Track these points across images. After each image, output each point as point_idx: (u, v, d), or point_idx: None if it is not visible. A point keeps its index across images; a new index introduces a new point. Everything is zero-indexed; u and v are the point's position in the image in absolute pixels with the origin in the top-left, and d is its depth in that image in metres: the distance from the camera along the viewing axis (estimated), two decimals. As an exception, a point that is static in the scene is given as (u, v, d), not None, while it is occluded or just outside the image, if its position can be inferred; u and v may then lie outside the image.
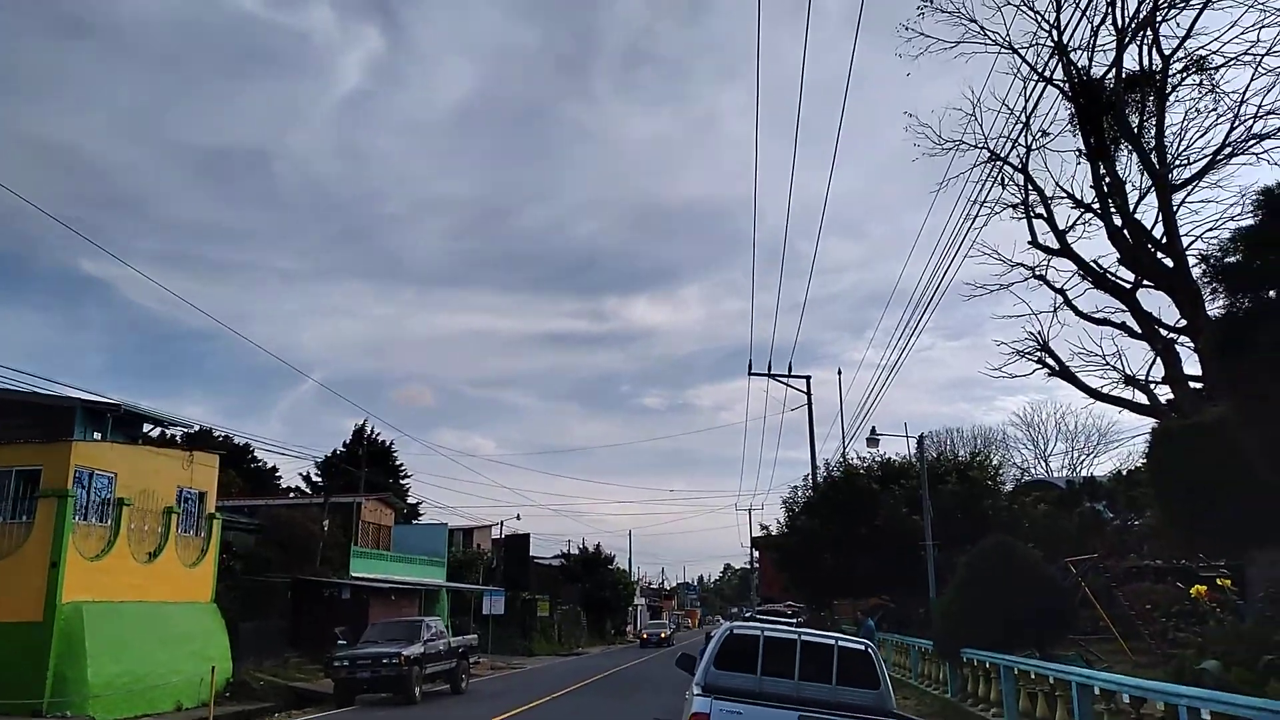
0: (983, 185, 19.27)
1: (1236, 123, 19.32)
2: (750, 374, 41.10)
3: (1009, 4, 20.09)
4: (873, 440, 30.82)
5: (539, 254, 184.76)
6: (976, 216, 20.04)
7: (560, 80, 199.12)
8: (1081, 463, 56.43)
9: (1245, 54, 18.81)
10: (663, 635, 69.96)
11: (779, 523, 39.88)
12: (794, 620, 29.91)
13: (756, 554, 74.91)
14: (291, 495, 54.78)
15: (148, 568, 23.87)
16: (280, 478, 61.26)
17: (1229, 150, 19.40)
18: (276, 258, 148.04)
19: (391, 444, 62.43)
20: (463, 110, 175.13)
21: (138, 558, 23.61)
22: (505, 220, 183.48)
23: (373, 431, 60.90)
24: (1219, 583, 14.98)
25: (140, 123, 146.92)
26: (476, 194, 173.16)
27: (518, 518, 70.05)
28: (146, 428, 27.71)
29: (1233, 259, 6.59)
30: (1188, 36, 19.07)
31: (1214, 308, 11.81)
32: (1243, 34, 18.69)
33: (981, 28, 20.72)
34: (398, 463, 62.40)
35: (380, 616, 32.45)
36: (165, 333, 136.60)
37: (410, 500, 59.71)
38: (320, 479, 55.87)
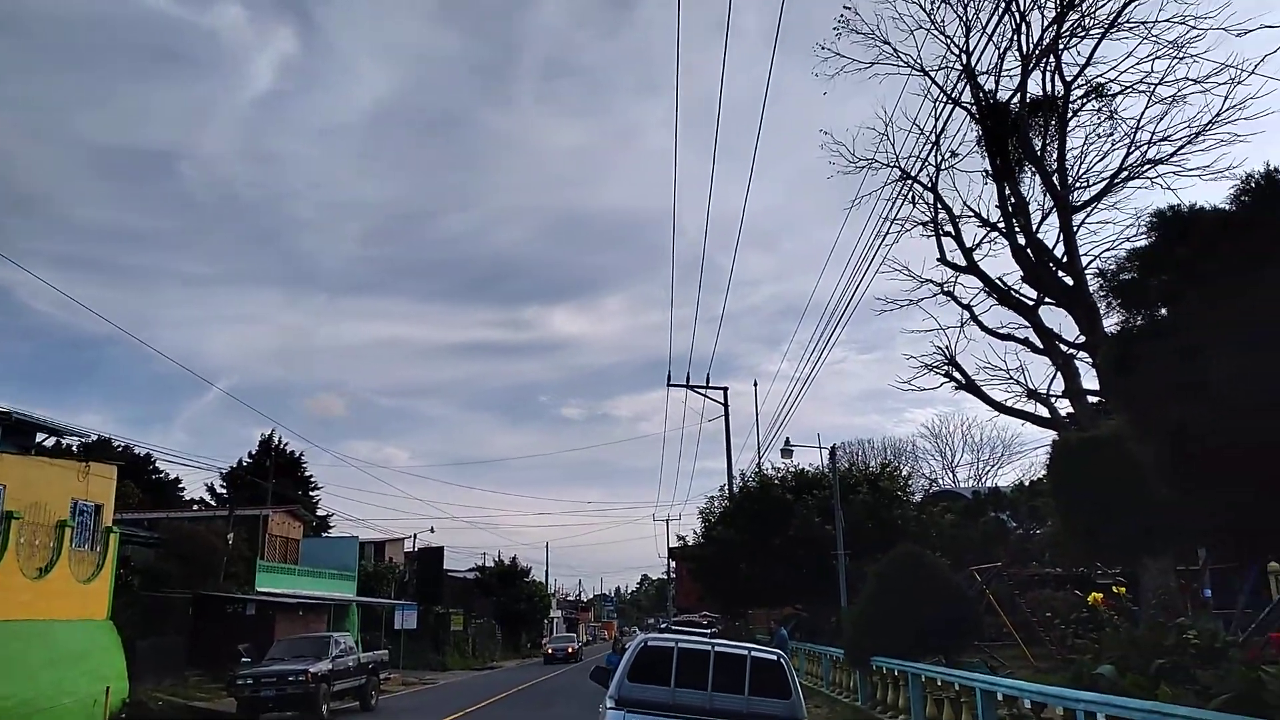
0: (894, 203, 19.82)
1: (1132, 148, 20.29)
2: (669, 385, 41.39)
3: (921, 28, 20.73)
4: (787, 451, 31.28)
5: (457, 261, 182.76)
6: (888, 233, 20.60)
7: (480, 87, 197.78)
8: (987, 473, 58.27)
9: (1140, 83, 19.78)
10: (570, 650, 62.81)
11: (695, 533, 40.15)
12: (709, 630, 30.06)
13: (674, 564, 75.12)
14: (195, 508, 52.95)
15: (38, 584, 22.70)
16: (184, 490, 59.21)
17: (1125, 174, 20.34)
18: (182, 262, 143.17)
19: (301, 455, 60.98)
20: (379, 114, 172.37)
21: (27, 574, 22.44)
22: (422, 227, 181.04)
23: (281, 442, 59.38)
24: (1115, 590, 15.57)
25: (42, 120, 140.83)
26: (392, 199, 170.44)
27: (432, 530, 68.99)
28: (40, 437, 26.43)
29: (1127, 278, 6.88)
30: (1088, 64, 19.96)
31: (1110, 325, 12.32)
32: (1138, 64, 19.66)
33: (895, 50, 21.34)
34: (307, 474, 60.95)
35: (287, 633, 31.53)
36: (64, 339, 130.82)
37: (320, 513, 58.31)
38: (225, 491, 54.12)
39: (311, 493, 60.17)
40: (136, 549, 33.30)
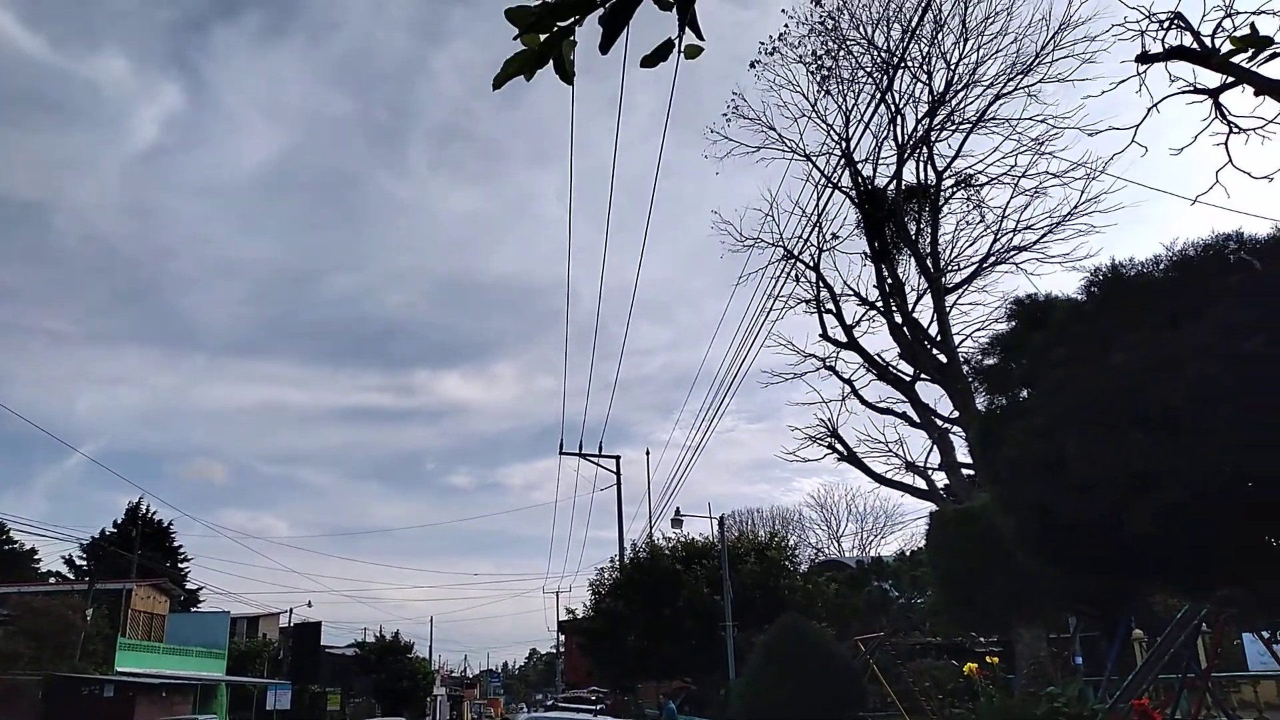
0: (779, 280, 20.56)
1: (999, 235, 21.62)
2: (561, 453, 41.07)
3: (804, 116, 21.76)
4: (677, 521, 31.36)
5: (343, 323, 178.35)
6: (772, 309, 21.23)
7: (373, 150, 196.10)
8: (871, 543, 59.49)
9: (1006, 175, 21.20)
10: None
11: (585, 606, 39.62)
12: (596, 706, 29.56)
13: (563, 638, 73.74)
14: (51, 580, 49.59)
15: None
16: (39, 561, 55.43)
17: (993, 259, 21.64)
18: (49, 318, 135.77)
19: (171, 524, 57.95)
20: (267, 173, 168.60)
21: None
22: (308, 287, 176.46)
23: (150, 511, 56.34)
24: (988, 660, 16.06)
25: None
26: (278, 259, 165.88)
27: (309, 605, 65.80)
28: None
29: (990, 362, 7.30)
30: (957, 156, 21.30)
31: (980, 402, 12.93)
32: (1003, 158, 21.11)
33: (780, 135, 22.31)
34: (177, 545, 57.91)
35: (148, 716, 29.55)
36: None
37: (189, 586, 55.28)
38: (86, 563, 50.90)
39: (181, 565, 57.10)
40: (-18, 628, 30.91)
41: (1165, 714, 13.87)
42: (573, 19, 2.07)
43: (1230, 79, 7.00)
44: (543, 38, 2.10)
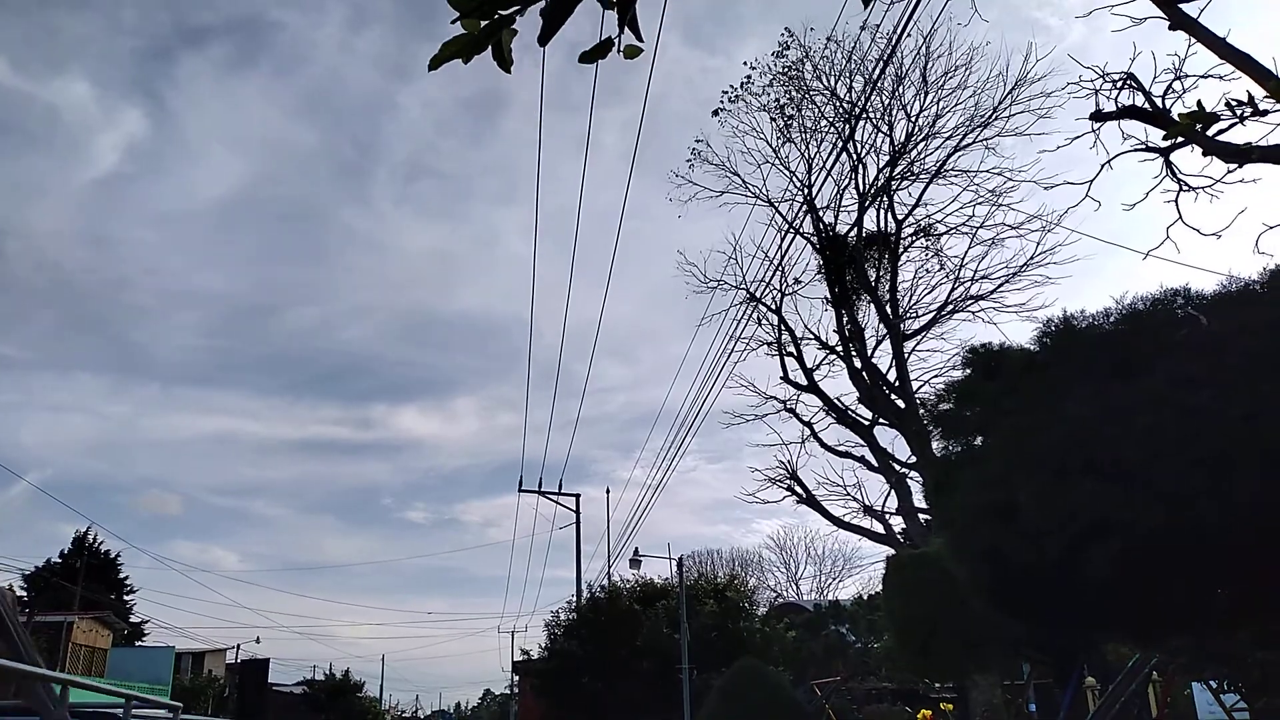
0: (741, 322, 20.76)
1: (957, 284, 21.99)
2: (520, 490, 40.77)
3: (767, 162, 22.08)
4: (635, 561, 31.17)
5: (301, 356, 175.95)
6: (733, 351, 21.35)
7: (337, 183, 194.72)
8: (829, 586, 59.53)
9: (964, 225, 21.62)
10: None
11: (540, 647, 39.05)
12: (549, 749, 29.02)
13: (517, 679, 72.50)
14: (-12, 613, 47.93)
15: None
16: (-24, 593, 53.62)
17: (951, 307, 21.98)
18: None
19: (118, 556, 56.46)
20: (228, 204, 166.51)
21: None
22: (266, 319, 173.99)
23: (96, 541, 54.87)
24: (942, 707, 16.07)
25: None
26: (236, 290, 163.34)
27: (257, 640, 64.16)
28: None
29: (945, 408, 7.39)
30: (916, 205, 21.70)
31: (936, 447, 13.05)
32: (961, 208, 21.54)
33: (743, 181, 22.61)
34: (123, 577, 56.37)
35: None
36: None
37: (134, 619, 53.75)
38: (26, 594, 49.34)
39: (126, 597, 55.57)
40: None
41: (1117, 763, 13.90)
42: (514, 8, 2.07)
43: (1180, 139, 7.21)
44: (483, 24, 2.10)
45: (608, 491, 64.82)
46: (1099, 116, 7.68)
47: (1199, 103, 5.76)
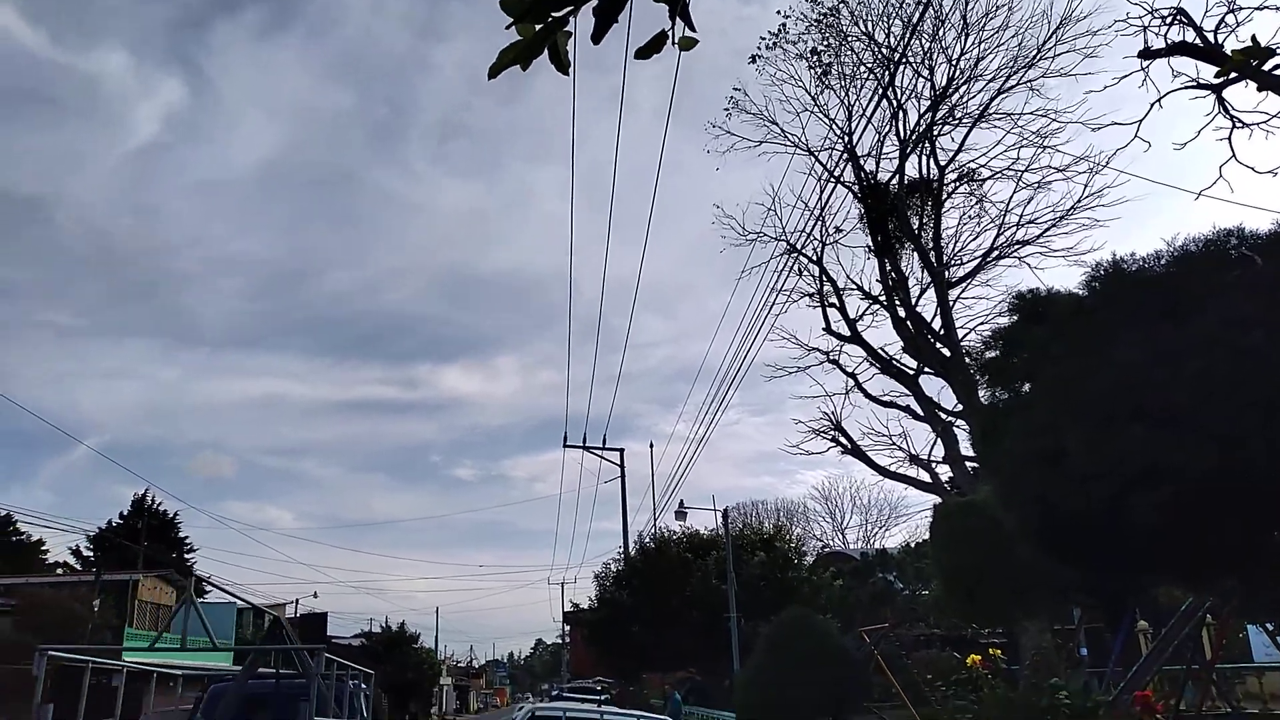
0: (782, 274, 20.64)
1: (1002, 230, 21.62)
2: (565, 446, 41.17)
3: (806, 110, 21.75)
4: (680, 513, 31.42)
5: (344, 318, 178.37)
6: (775, 303, 21.26)
7: (372, 146, 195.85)
8: (875, 535, 59.60)
9: (1009, 169, 21.17)
10: None
11: (591, 599, 39.71)
12: (602, 696, 29.72)
13: (568, 629, 73.88)
14: (59, 572, 49.82)
15: (-125, 660, 20.99)
16: (47, 552, 55.66)
17: (996, 253, 21.64)
18: (52, 313, 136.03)
19: (176, 516, 58.12)
20: (267, 169, 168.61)
21: None
22: (308, 283, 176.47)
23: (155, 503, 56.51)
24: (991, 652, 16.14)
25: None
26: (278, 255, 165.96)
27: (315, 596, 65.93)
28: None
29: (992, 355, 7.35)
30: (960, 151, 21.28)
31: (982, 395, 12.97)
32: (1006, 152, 21.08)
33: (782, 130, 22.30)
34: (182, 536, 58.08)
35: (158, 705, 29.70)
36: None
37: (196, 577, 55.49)
38: (93, 554, 51.15)
39: (187, 556, 57.32)
40: (-9, 619, 31.13)
41: (1169, 705, 13.92)
42: (567, 9, 2.08)
43: (1233, 74, 7.02)
44: (537, 27, 2.13)
45: (651, 446, 65.41)
46: (1148, 54, 7.50)
47: (1253, 37, 5.61)
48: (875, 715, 21.26)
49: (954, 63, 20.76)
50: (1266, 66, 5.82)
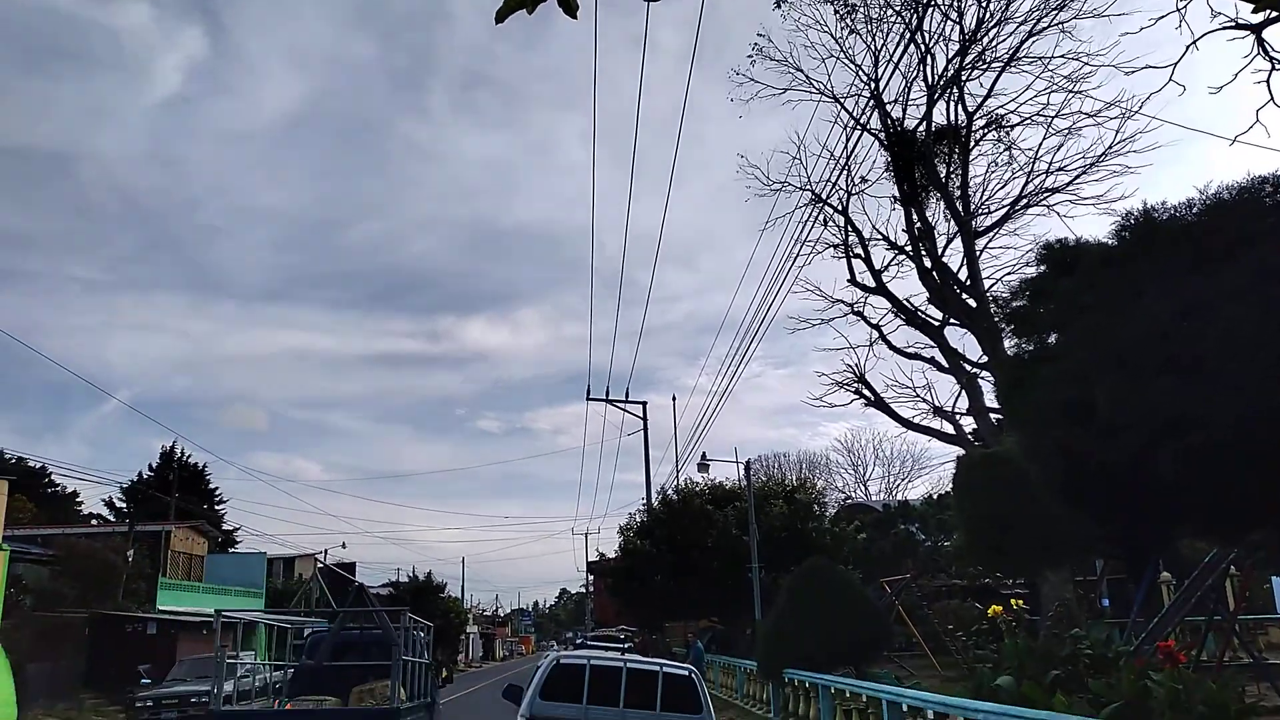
0: (806, 225, 20.45)
1: (1031, 177, 21.23)
2: (589, 399, 41.36)
3: (831, 56, 21.33)
4: (703, 465, 31.54)
5: (369, 271, 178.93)
6: (799, 255, 21.10)
7: (395, 95, 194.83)
8: (897, 487, 59.70)
9: (1038, 115, 20.72)
10: None
11: (616, 550, 40.12)
12: (625, 645, 30.19)
13: (592, 579, 74.81)
14: (94, 523, 50.90)
15: (-82, 606, 21.59)
16: (81, 504, 56.86)
17: (1024, 202, 21.26)
18: (80, 267, 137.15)
19: (205, 468, 59.10)
20: (290, 120, 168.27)
21: (-93, 595, 21.32)
22: (334, 235, 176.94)
23: (184, 455, 57.44)
24: (1013, 602, 16.19)
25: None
26: (303, 207, 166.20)
27: (343, 546, 66.95)
28: (-77, 451, 25.20)
29: (1019, 306, 7.25)
30: (988, 96, 20.83)
31: (1009, 346, 12.85)
32: (1035, 97, 20.62)
33: (807, 77, 21.91)
34: (212, 488, 59.10)
35: (190, 653, 30.46)
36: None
37: (226, 528, 56.55)
38: (126, 506, 52.19)
39: (217, 507, 58.38)
40: (29, 567, 31.83)
41: (1191, 656, 13.94)
42: None
43: (1274, 14, 6.79)
44: None
45: (674, 399, 65.47)
46: (1186, -7, 7.26)
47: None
48: (896, 664, 21.47)
49: (984, 4, 20.25)
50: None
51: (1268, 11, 7.17)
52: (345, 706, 12.43)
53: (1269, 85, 8.28)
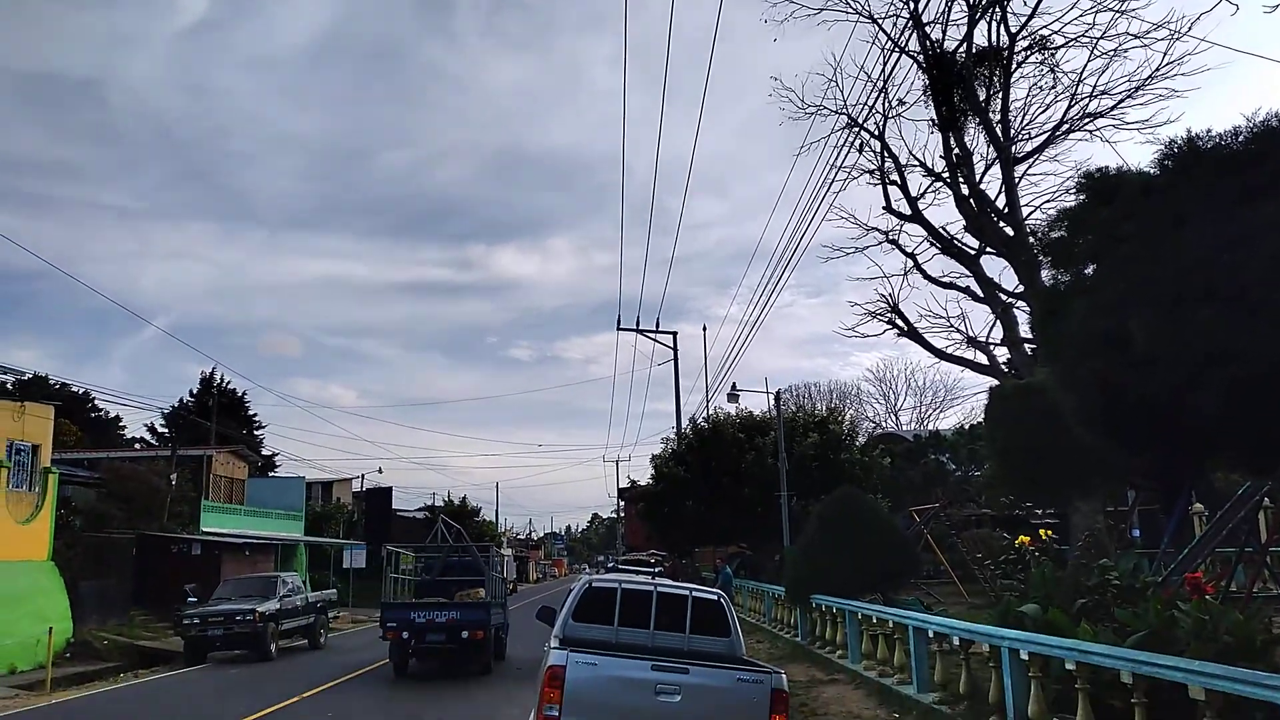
0: (841, 150, 20.06)
1: (1074, 101, 20.63)
2: (619, 329, 41.41)
3: (870, -28, 20.66)
4: (733, 396, 31.63)
5: (399, 198, 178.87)
6: (834, 181, 20.74)
7: (421, 19, 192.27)
8: (929, 417, 59.60)
9: (1083, 36, 20.04)
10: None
11: (647, 479, 40.55)
12: (656, 569, 30.70)
13: (623, 505, 75.88)
14: (137, 447, 52.25)
15: (-26, 527, 22.41)
16: (124, 428, 58.33)
17: (1067, 127, 20.71)
18: (111, 195, 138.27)
19: (244, 394, 60.22)
20: (317, 46, 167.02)
21: (-38, 516, 22.13)
22: (362, 162, 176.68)
23: (223, 381, 58.49)
24: (1041, 533, 16.23)
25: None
26: (331, 134, 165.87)
27: (380, 471, 68.54)
28: (-29, 377, 25.90)
29: (1056, 236, 7.11)
30: (1033, 16, 20.14)
31: (1046, 276, 12.64)
32: (1080, 17, 19.89)
33: (844, -5, 21.25)
34: (251, 413, 60.30)
35: (234, 573, 31.45)
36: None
37: (265, 452, 57.84)
38: (167, 430, 53.42)
39: (256, 432, 59.62)
40: (77, 489, 32.83)
41: (1220, 587, 13.95)
42: None
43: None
44: None
45: (704, 329, 65.39)
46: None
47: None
48: (923, 591, 21.71)
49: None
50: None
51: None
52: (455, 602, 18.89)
53: (1328, 4, 7.94)
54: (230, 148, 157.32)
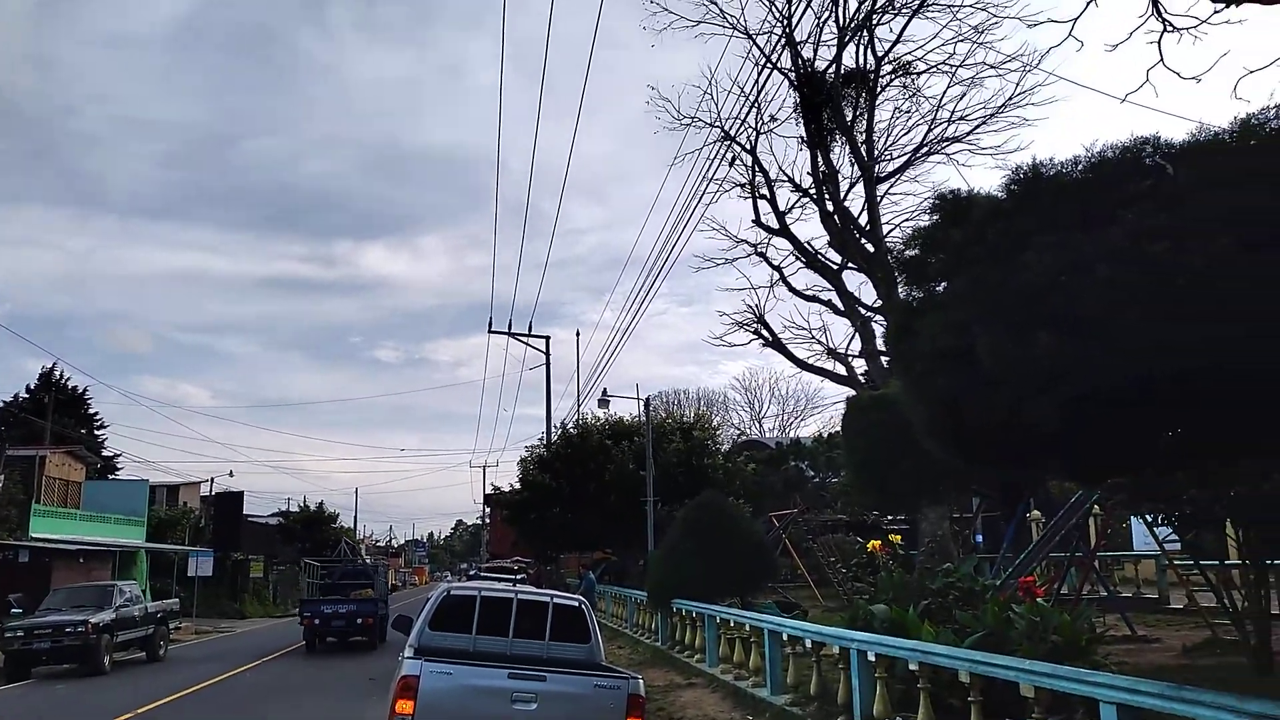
0: (715, 162, 20.44)
1: (933, 125, 21.67)
2: (490, 331, 40.94)
3: (746, -10, 21.14)
4: (603, 401, 31.72)
5: (264, 190, 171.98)
6: (706, 193, 21.11)
7: (295, 6, 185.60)
8: (791, 425, 61.32)
9: (944, 64, 21.11)
10: None
11: (512, 486, 40.16)
12: (519, 576, 30.43)
13: (489, 510, 74.89)
14: (-41, 446, 48.28)
15: None
16: (-54, 426, 53.83)
17: (926, 149, 21.76)
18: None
19: (85, 391, 56.57)
20: (179, 24, 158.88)
21: None
22: (226, 151, 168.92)
23: (63, 377, 54.78)
24: (890, 537, 16.92)
25: None
26: (194, 120, 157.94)
27: (230, 474, 65.27)
28: None
29: (911, 254, 7.41)
30: (898, 41, 21.10)
31: (901, 292, 13.17)
32: (942, 45, 20.95)
33: (721, 10, 21.70)
34: (92, 412, 56.72)
35: (66, 581, 29.39)
36: None
37: (107, 454, 54.41)
38: (-4, 428, 49.60)
39: (97, 432, 56.07)
40: (-113, 493, 30.14)
41: (1053, 590, 14.84)
42: None
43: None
44: None
45: (578, 334, 65.55)
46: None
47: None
48: (780, 595, 22.24)
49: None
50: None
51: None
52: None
53: (1159, 46, 8.56)
54: (79, 128, 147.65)
